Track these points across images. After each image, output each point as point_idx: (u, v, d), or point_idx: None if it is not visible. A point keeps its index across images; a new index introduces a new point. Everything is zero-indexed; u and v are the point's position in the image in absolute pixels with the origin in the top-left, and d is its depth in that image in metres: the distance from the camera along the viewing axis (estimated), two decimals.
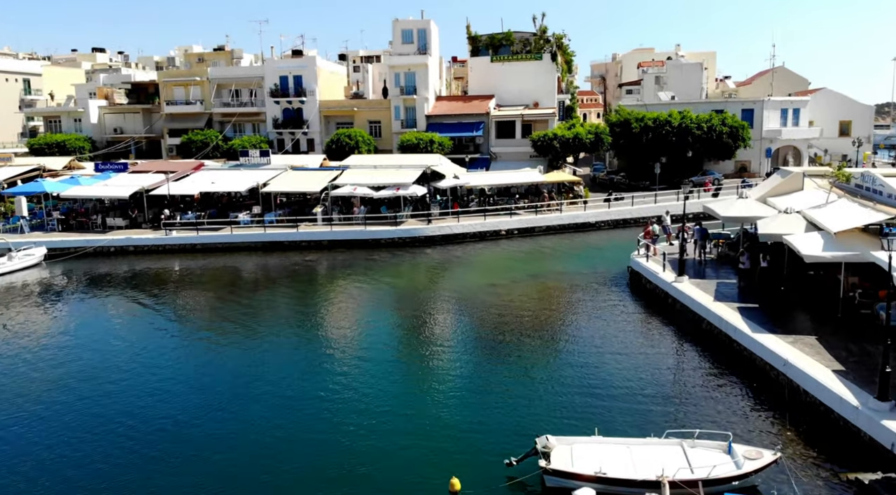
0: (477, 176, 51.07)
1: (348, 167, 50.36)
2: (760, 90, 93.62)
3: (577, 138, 58.84)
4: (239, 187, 46.59)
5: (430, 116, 65.27)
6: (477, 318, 28.46)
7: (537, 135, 59.86)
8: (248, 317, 29.81)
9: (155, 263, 42.14)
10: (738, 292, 26.77)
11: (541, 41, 68.38)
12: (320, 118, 67.37)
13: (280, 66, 67.95)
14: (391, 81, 65.83)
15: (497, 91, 68.32)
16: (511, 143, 63.70)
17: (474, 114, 64.33)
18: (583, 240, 47.13)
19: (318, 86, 67.03)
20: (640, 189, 63.04)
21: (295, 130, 67.16)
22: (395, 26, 68.12)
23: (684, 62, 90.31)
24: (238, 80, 69.02)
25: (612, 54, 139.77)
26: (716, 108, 69.39)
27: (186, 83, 70.09)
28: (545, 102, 68.10)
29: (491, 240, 46.59)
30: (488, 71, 69.08)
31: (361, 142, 63.00)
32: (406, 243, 45.02)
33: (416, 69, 64.84)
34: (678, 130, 62.78)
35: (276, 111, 67.90)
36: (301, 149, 67.96)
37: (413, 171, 48.27)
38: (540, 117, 63.02)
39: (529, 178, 50.96)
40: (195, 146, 66.40)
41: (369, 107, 66.94)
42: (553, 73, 68.10)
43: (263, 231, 44.47)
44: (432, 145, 60.36)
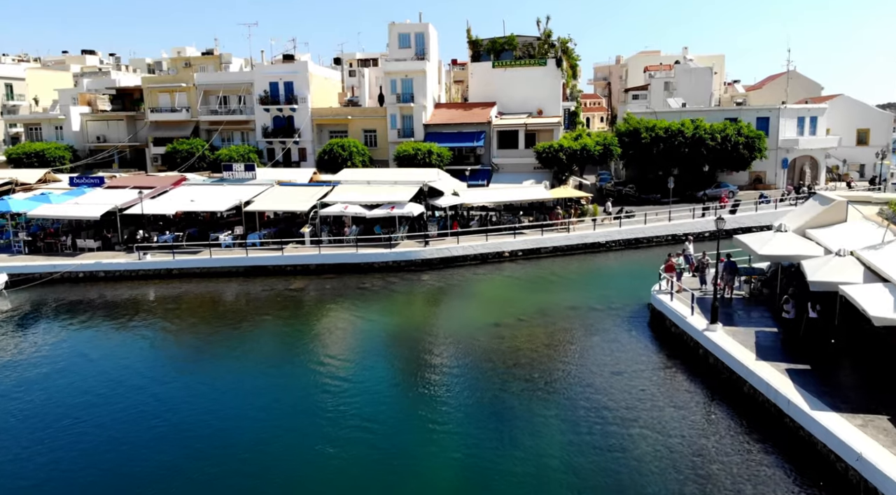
0: (478, 193, 47.20)
1: (339, 183, 46.53)
2: (772, 95, 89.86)
3: (585, 150, 55.00)
4: (219, 206, 42.74)
5: (429, 125, 61.46)
6: (478, 373, 24.58)
7: (542, 147, 56.05)
8: (217, 359, 26.05)
9: (127, 291, 38.37)
10: (782, 347, 22.95)
11: (545, 46, 64.55)
12: (312, 126, 63.55)
13: (270, 71, 64.11)
14: (387, 88, 62.02)
15: (499, 98, 64.53)
16: (514, 154, 59.88)
17: (475, 123, 60.50)
18: (593, 263, 43.33)
19: (310, 92, 63.22)
20: (651, 202, 59.27)
21: (286, 139, 63.35)
22: (392, 30, 64.28)
23: (693, 67, 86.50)
24: (226, 86, 65.18)
25: (616, 57, 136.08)
26: (729, 116, 65.60)
27: (172, 89, 66.26)
28: (550, 110, 64.28)
29: (493, 263, 42.80)
30: (490, 77, 65.27)
31: (355, 152, 59.19)
32: (401, 267, 41.23)
33: (413, 76, 61.01)
34: (691, 141, 58.97)
35: (266, 119, 64.08)
36: (292, 158, 64.22)
37: (409, 188, 44.46)
38: (544, 127, 59.19)
39: (534, 195, 47.09)
40: (180, 156, 62.64)
41: (364, 115, 63.12)
42: (558, 80, 64.28)
43: (245, 254, 40.64)
44: (430, 156, 56.61)
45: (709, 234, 49.82)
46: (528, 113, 64.27)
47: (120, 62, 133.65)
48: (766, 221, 51.60)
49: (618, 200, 62.05)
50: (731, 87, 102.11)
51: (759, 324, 25.40)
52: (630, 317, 30.16)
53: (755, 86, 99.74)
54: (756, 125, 64.10)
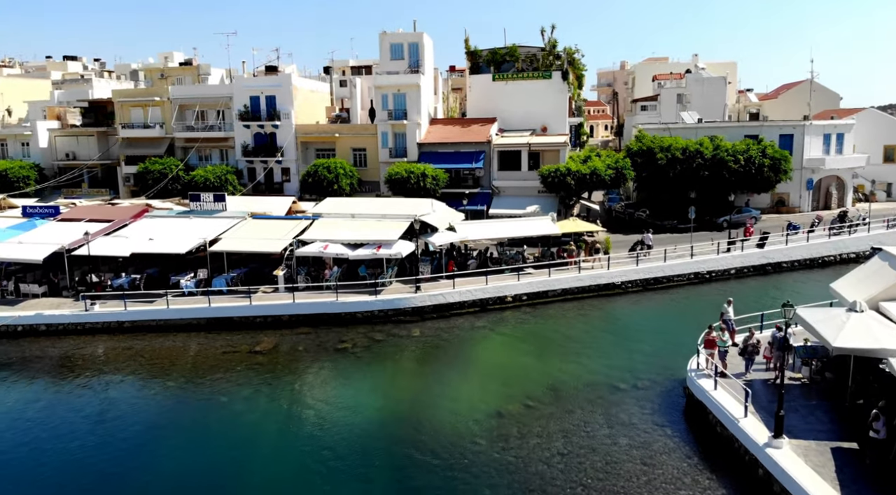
0: (476, 227, 41.53)
1: (320, 216, 40.97)
2: (789, 107, 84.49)
3: (596, 174, 49.47)
4: (181, 246, 37.13)
5: (423, 144, 55.94)
6: None
7: (547, 170, 50.51)
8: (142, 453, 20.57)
9: (72, 348, 32.87)
10: (872, 479, 17.49)
11: (549, 57, 59.04)
12: (297, 145, 58.04)
13: (250, 85, 58.56)
14: (378, 103, 56.48)
15: (500, 113, 59.05)
16: (516, 176, 54.35)
17: (473, 142, 54.97)
18: (610, 310, 37.81)
19: (294, 108, 57.69)
20: (667, 229, 53.84)
21: (267, 159, 57.82)
22: (383, 40, 58.75)
23: (706, 76, 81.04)
24: (203, 100, 59.63)
25: (621, 62, 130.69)
26: (749, 133, 60.19)
27: (144, 104, 60.72)
28: (555, 126, 58.82)
29: (494, 311, 37.28)
30: (490, 90, 59.79)
31: (342, 175, 53.69)
32: (388, 317, 35.71)
33: (406, 90, 55.48)
34: (711, 163, 53.49)
35: (246, 136, 58.56)
36: (275, 179, 58.72)
37: (398, 224, 38.94)
38: (550, 147, 53.66)
39: (540, 230, 41.45)
40: (152, 177, 57.14)
41: (353, 132, 57.60)
42: (564, 94, 58.79)
43: (207, 305, 35.10)
44: (424, 180, 51.12)
45: (735, 272, 44.53)
46: (532, 130, 58.85)
47: (105, 67, 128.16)
48: (797, 256, 46.32)
49: (628, 223, 56.66)
50: (744, 96, 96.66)
51: (830, 433, 19.84)
52: (662, 404, 24.59)
53: (769, 95, 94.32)
54: (779, 143, 58.70)
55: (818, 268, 46.43)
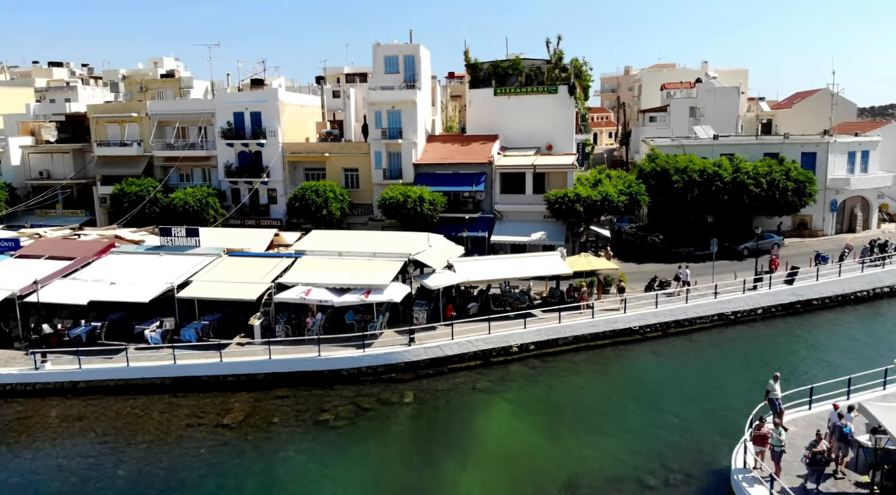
0: (477, 267, 37.04)
1: (304, 253, 36.65)
2: (804, 117, 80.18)
3: (607, 200, 45.17)
4: (145, 293, 32.74)
5: (419, 165, 51.64)
6: None
7: (554, 195, 46.19)
8: None
9: (15, 414, 28.65)
10: None
11: (555, 70, 54.73)
12: (284, 164, 53.74)
13: (234, 100, 54.22)
14: (371, 121, 52.15)
15: (502, 130, 54.74)
16: (520, 200, 50.02)
17: (474, 163, 50.67)
18: (627, 363, 33.60)
19: (280, 125, 53.38)
20: (683, 257, 49.62)
21: (252, 179, 53.51)
22: (377, 53, 54.40)
23: (718, 86, 76.73)
24: (184, 115, 55.31)
25: (625, 67, 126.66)
26: (769, 151, 56.07)
27: (121, 120, 56.38)
28: (561, 144, 54.52)
29: (499, 364, 33.04)
30: (491, 105, 55.46)
31: (332, 198, 49.41)
32: (378, 375, 31.45)
33: (401, 107, 51.16)
34: (732, 186, 49.24)
35: (230, 155, 54.26)
36: (260, 201, 54.42)
37: (390, 264, 34.61)
38: (556, 168, 49.29)
39: (548, 268, 37.07)
40: (128, 199, 52.87)
41: (344, 152, 53.27)
42: (571, 109, 54.46)
43: (173, 361, 30.79)
44: (422, 204, 46.88)
45: (762, 311, 40.29)
46: (536, 148, 54.57)
47: (93, 72, 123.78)
48: (829, 292, 42.13)
49: (640, 248, 52.38)
50: (755, 104, 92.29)
51: None
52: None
53: (782, 104, 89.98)
54: (801, 162, 54.55)
55: (851, 304, 42.31)
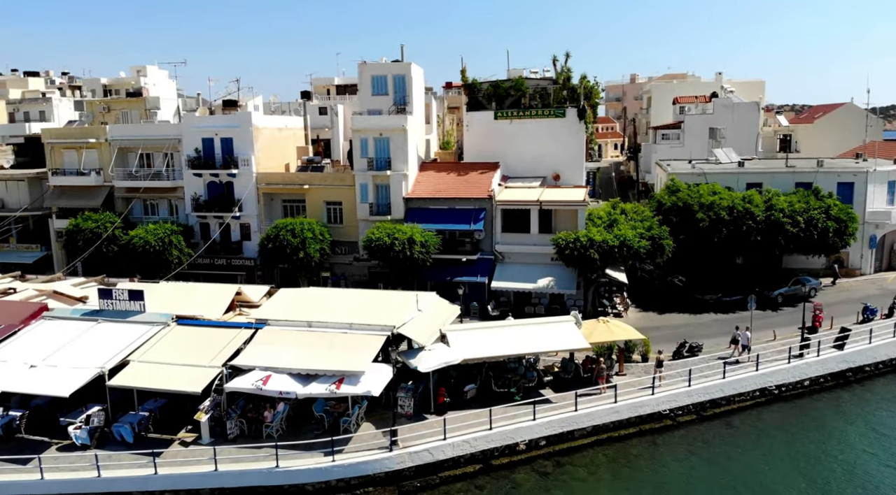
0: (474, 340, 30.47)
1: (266, 323, 30.35)
2: (827, 134, 74.20)
3: (626, 246, 38.90)
4: (65, 385, 26.42)
5: (411, 199, 45.41)
6: None
7: (563, 238, 39.92)
8: None
9: None
10: None
11: (563, 91, 48.49)
12: (258, 196, 47.50)
13: (202, 125, 47.94)
14: (357, 149, 45.89)
15: (503, 157, 48.57)
16: (524, 240, 43.76)
17: (472, 198, 44.44)
18: (659, 467, 27.36)
19: (255, 152, 47.18)
20: (709, 306, 43.57)
21: (223, 214, 47.28)
22: (363, 72, 48.16)
23: (736, 101, 70.50)
24: (148, 141, 49.08)
25: (631, 75, 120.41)
26: (801, 180, 50.01)
27: (79, 146, 50.15)
28: (569, 174, 48.33)
29: (502, 469, 26.85)
30: (491, 130, 49.21)
31: (311, 239, 43.22)
32: (352, 487, 25.27)
33: (390, 135, 44.95)
34: (765, 225, 43.03)
35: (198, 186, 48.04)
36: (232, 237, 48.16)
37: (369, 342, 28.26)
38: (565, 205, 43.00)
39: (560, 342, 30.65)
40: (83, 237, 46.68)
41: (326, 183, 46.99)
42: (581, 135, 48.24)
43: (95, 474, 24.55)
44: (412, 247, 40.73)
45: (809, 383, 34.12)
46: (542, 177, 48.36)
47: (73, 81, 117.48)
48: (883, 355, 36.34)
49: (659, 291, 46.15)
50: (773, 118, 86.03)
51: None
52: None
53: (802, 118, 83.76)
54: (837, 192, 48.39)
55: None
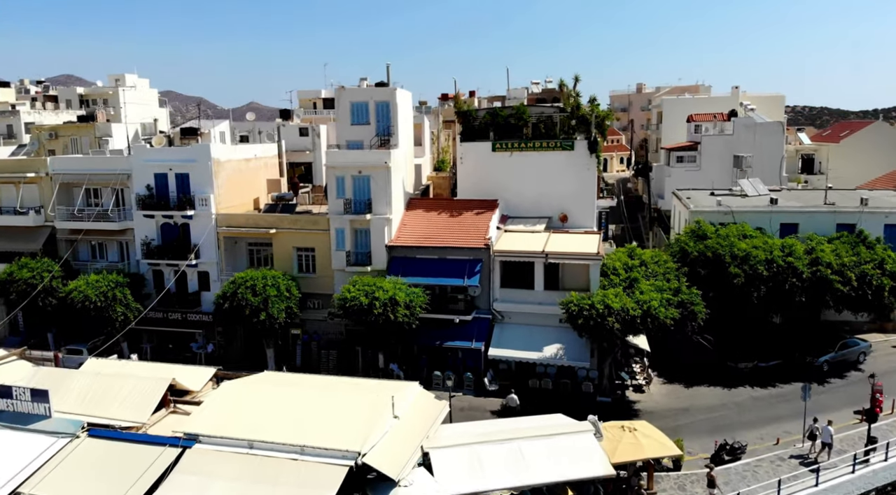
0: (467, 464, 23.59)
1: (197, 439, 23.58)
2: (855, 155, 67.45)
3: (650, 315, 32.09)
4: None
5: (395, 247, 38.72)
6: None
7: (575, 303, 33.03)
8: None
9: None
10: None
11: (571, 120, 41.78)
12: (218, 241, 40.82)
13: (154, 158, 41.22)
14: (332, 188, 39.19)
15: (502, 193, 42.02)
16: (528, 297, 37.08)
17: (466, 247, 37.75)
18: None
19: (215, 189, 40.57)
20: (743, 375, 36.95)
21: (177, 262, 40.59)
22: (341, 98, 41.44)
23: (758, 120, 63.79)
24: (94, 175, 42.44)
25: (637, 84, 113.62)
26: (843, 221, 43.35)
27: (16, 180, 43.48)
28: (579, 214, 41.79)
29: None
30: (489, 163, 42.60)
31: (274, 298, 36.59)
32: None
33: (370, 172, 38.26)
34: (810, 283, 36.31)
35: (150, 229, 41.41)
36: (189, 287, 41.53)
37: (327, 476, 21.45)
38: (575, 258, 36.27)
39: (580, 467, 23.68)
40: (17, 288, 40.13)
41: (296, 227, 40.27)
42: (592, 171, 41.64)
43: None
44: (394, 310, 34.07)
45: (875, 493, 27.40)
46: (547, 218, 41.79)
47: (48, 90, 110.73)
48: None
49: (688, 354, 39.37)
50: (793, 135, 79.28)
51: None
52: None
53: (827, 137, 76.89)
54: (884, 235, 41.83)
55: None
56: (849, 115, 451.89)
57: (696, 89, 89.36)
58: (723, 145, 62.80)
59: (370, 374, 37.37)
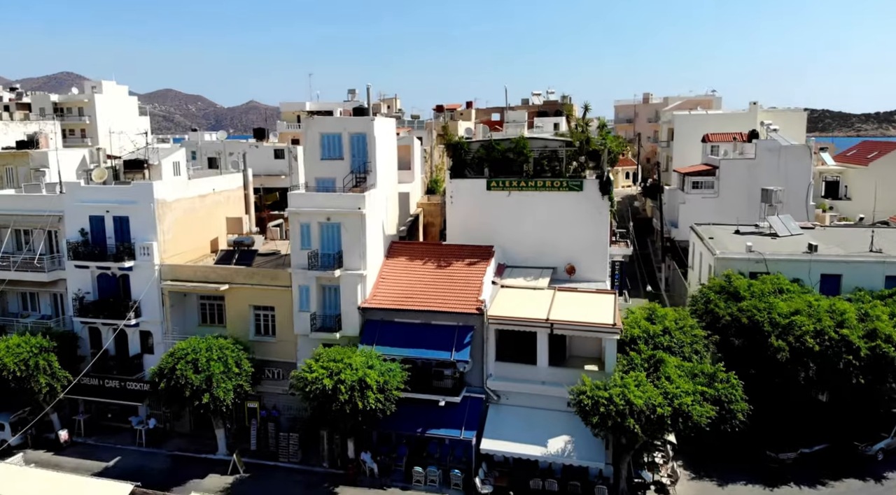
0: None
1: None
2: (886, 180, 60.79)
3: (682, 413, 25.56)
4: None
5: (369, 310, 32.17)
6: None
7: (588, 396, 26.46)
8: None
9: None
10: None
11: (580, 156, 35.24)
12: (162, 297, 34.28)
13: (89, 199, 34.63)
14: (295, 238, 32.63)
15: (499, 238, 35.55)
16: (528, 374, 30.52)
17: (454, 312, 31.23)
18: None
19: (160, 235, 34.06)
20: (786, 467, 30.47)
21: (114, 321, 34.04)
22: (309, 129, 34.77)
23: (784, 144, 57.28)
24: (21, 216, 35.94)
25: (644, 95, 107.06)
26: (893, 273, 36.86)
27: None
28: (588, 266, 35.29)
29: None
30: (483, 203, 36.08)
31: (221, 375, 30.09)
32: None
33: (341, 220, 31.74)
34: (867, 362, 29.81)
35: (84, 280, 34.89)
36: (130, 349, 35.06)
37: None
38: (586, 328, 29.72)
39: None
40: None
41: (252, 282, 33.68)
42: (604, 214, 35.09)
43: None
44: (363, 395, 27.58)
45: None
46: (551, 268, 35.29)
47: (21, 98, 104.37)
48: None
49: (718, 437, 32.77)
50: (816, 155, 72.49)
51: None
52: None
53: (852, 157, 70.29)
54: None
55: None
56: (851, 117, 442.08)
57: (709, 103, 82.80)
58: (744, 170, 56.34)
59: (337, 465, 31.00)
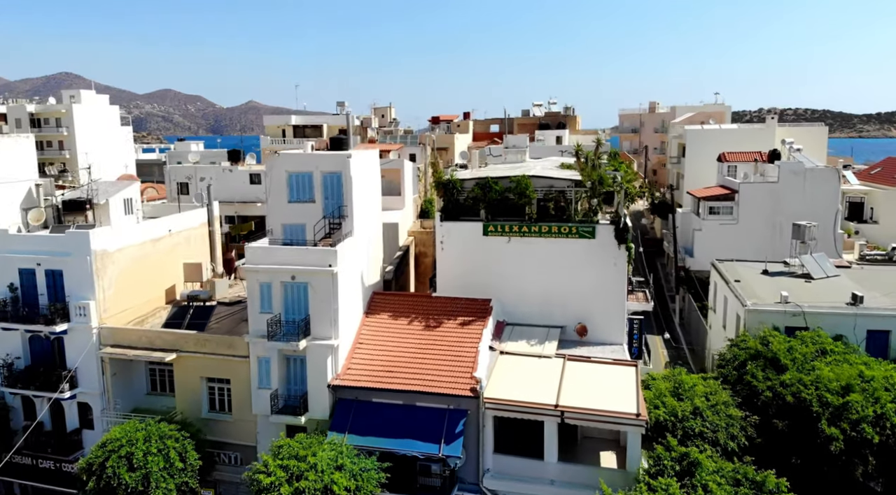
0: None
1: None
2: None
3: None
4: None
5: (342, 388, 26.73)
6: None
7: None
8: None
9: None
10: None
11: (593, 199, 29.78)
12: (102, 364, 28.90)
13: (17, 251, 29.24)
14: (254, 302, 27.17)
15: (498, 291, 30.14)
16: (533, 471, 25.06)
17: (442, 394, 25.80)
18: None
19: (99, 292, 28.67)
20: None
21: (45, 393, 28.68)
22: (274, 169, 29.25)
23: (808, 166, 51.81)
24: None
25: (650, 103, 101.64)
26: None
27: None
28: (602, 326, 29.90)
29: None
30: (480, 250, 30.64)
31: (160, 474, 24.69)
32: None
33: (308, 279, 26.31)
34: None
35: (13, 344, 29.52)
36: (68, 423, 29.69)
37: None
38: (606, 419, 24.26)
39: None
40: None
41: (204, 350, 28.25)
42: (620, 265, 29.63)
43: None
44: None
45: None
46: (559, 328, 29.90)
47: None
48: None
49: None
50: None
51: None
52: None
53: (877, 176, 64.84)
54: None
55: None
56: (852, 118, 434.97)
57: (721, 116, 77.24)
58: (766, 195, 50.97)
59: None
